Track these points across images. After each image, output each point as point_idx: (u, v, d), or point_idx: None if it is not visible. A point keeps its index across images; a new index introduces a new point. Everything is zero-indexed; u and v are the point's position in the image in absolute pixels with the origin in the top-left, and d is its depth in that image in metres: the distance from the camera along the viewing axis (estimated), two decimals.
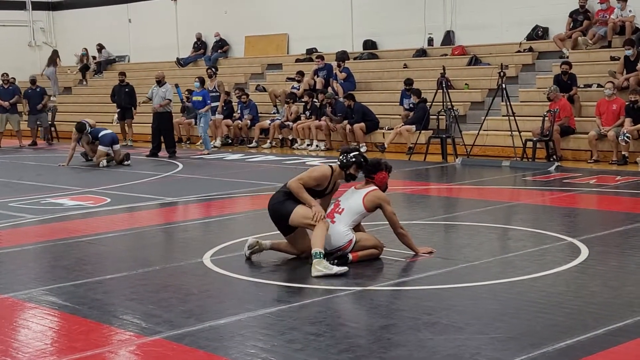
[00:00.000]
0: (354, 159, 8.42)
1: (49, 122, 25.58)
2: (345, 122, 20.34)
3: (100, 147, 18.30)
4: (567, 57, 19.64)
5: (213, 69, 23.31)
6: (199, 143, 21.74)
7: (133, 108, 23.58)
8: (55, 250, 9.51)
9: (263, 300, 7.03)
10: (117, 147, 18.50)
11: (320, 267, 7.71)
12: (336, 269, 7.72)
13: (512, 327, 6.07)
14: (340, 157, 8.50)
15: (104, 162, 18.07)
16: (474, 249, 8.87)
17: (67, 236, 10.20)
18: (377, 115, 20.63)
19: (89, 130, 18.43)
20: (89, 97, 29.72)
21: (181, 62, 28.91)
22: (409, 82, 20.17)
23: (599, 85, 18.25)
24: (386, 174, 8.56)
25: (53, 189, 14.56)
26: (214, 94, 22.00)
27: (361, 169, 8.50)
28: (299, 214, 8.16)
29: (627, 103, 16.42)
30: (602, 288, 7.15)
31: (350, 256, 8.17)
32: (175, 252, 9.53)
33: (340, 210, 8.33)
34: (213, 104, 21.49)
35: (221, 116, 22.56)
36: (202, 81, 20.76)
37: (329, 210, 8.40)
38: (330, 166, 8.47)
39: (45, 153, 22.35)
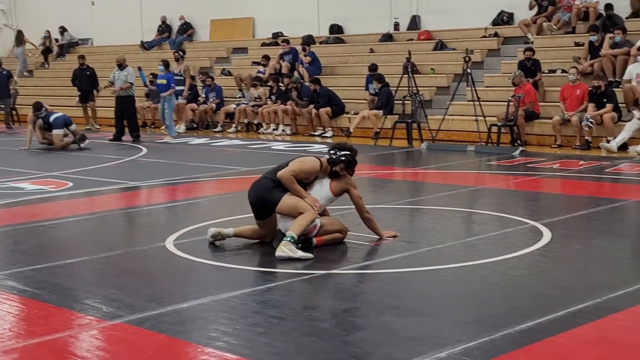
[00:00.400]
0: (343, 158, 8.35)
1: (10, 106, 25.28)
2: (311, 106, 20.30)
3: (55, 132, 18.07)
4: (532, 43, 19.72)
5: (180, 53, 23.06)
6: (163, 127, 21.56)
7: (95, 91, 23.39)
8: (15, 234, 9.40)
9: (226, 284, 6.99)
10: (72, 127, 18.35)
11: (286, 249, 7.69)
12: (300, 254, 7.69)
13: (474, 310, 6.08)
14: (331, 152, 8.42)
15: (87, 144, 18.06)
16: (438, 233, 8.89)
17: (28, 220, 10.09)
18: (342, 100, 20.60)
19: (43, 114, 18.17)
20: (50, 81, 29.40)
21: (145, 46, 28.69)
22: (373, 67, 20.13)
23: (563, 71, 18.34)
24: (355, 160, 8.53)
25: (14, 172, 14.39)
26: (179, 77, 21.83)
27: (349, 169, 8.44)
28: (287, 203, 8.08)
29: (590, 88, 16.51)
30: (563, 271, 7.19)
31: (314, 240, 8.14)
32: (137, 236, 9.45)
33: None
34: (178, 88, 21.33)
35: (184, 101, 22.36)
36: (166, 64, 20.54)
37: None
38: (319, 159, 8.40)
39: (6, 137, 22.10)
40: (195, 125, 22.59)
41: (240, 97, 22.86)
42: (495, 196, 11.52)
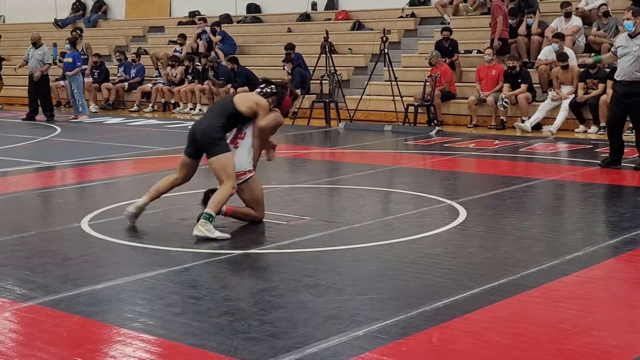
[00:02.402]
0: (275, 90, 8.32)
1: None
2: (229, 86, 20.15)
3: None
4: (448, 23, 19.90)
5: (77, 31, 22.49)
6: (65, 106, 20.93)
7: None
8: None
9: (142, 265, 6.92)
10: None
11: (204, 228, 7.63)
12: (217, 234, 7.64)
13: (390, 288, 6.13)
14: (262, 85, 8.36)
15: None
16: (356, 212, 8.92)
17: None
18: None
19: None
20: None
21: (59, 24, 28.11)
22: (289, 46, 20.04)
23: (479, 51, 18.57)
24: (290, 99, 8.47)
25: None
26: (82, 56, 21.37)
27: (280, 105, 8.36)
28: (219, 163, 7.90)
29: (505, 69, 16.75)
30: (478, 249, 7.29)
31: (224, 208, 8.06)
32: (52, 217, 9.28)
33: (242, 135, 8.20)
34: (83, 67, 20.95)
35: (90, 79, 21.94)
36: (72, 42, 20.10)
37: (232, 136, 8.22)
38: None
39: None
40: (112, 105, 22.22)
41: (156, 77, 22.59)
42: (412, 175, 11.62)
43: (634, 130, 11.62)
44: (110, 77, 22.73)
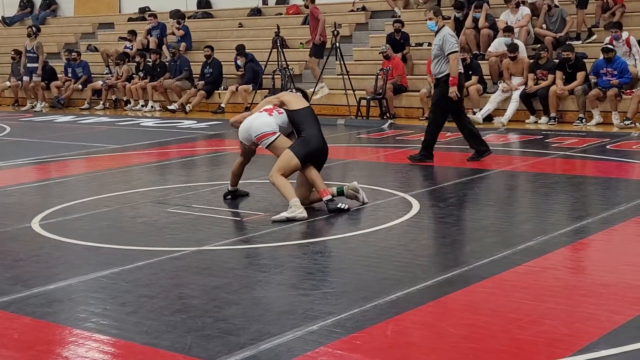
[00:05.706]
0: None
1: None
2: (201, 82, 19.87)
3: None
4: (399, 16, 19.96)
5: (33, 28, 22.17)
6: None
7: None
8: None
9: (95, 264, 6.85)
10: None
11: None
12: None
13: (344, 282, 6.14)
14: None
15: None
16: (309, 207, 8.89)
17: None
18: None
19: None
20: None
21: (7, 21, 27.76)
22: (239, 48, 19.83)
23: (429, 44, 18.62)
24: None
25: None
26: (31, 54, 21.07)
27: None
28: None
29: None
30: (431, 241, 7.33)
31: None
32: (2, 218, 9.10)
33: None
34: (29, 65, 20.58)
35: (38, 78, 21.64)
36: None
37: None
38: None
39: None
40: (62, 103, 21.95)
41: (107, 74, 22.39)
42: (365, 169, 11.65)
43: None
44: (58, 75, 22.46)
